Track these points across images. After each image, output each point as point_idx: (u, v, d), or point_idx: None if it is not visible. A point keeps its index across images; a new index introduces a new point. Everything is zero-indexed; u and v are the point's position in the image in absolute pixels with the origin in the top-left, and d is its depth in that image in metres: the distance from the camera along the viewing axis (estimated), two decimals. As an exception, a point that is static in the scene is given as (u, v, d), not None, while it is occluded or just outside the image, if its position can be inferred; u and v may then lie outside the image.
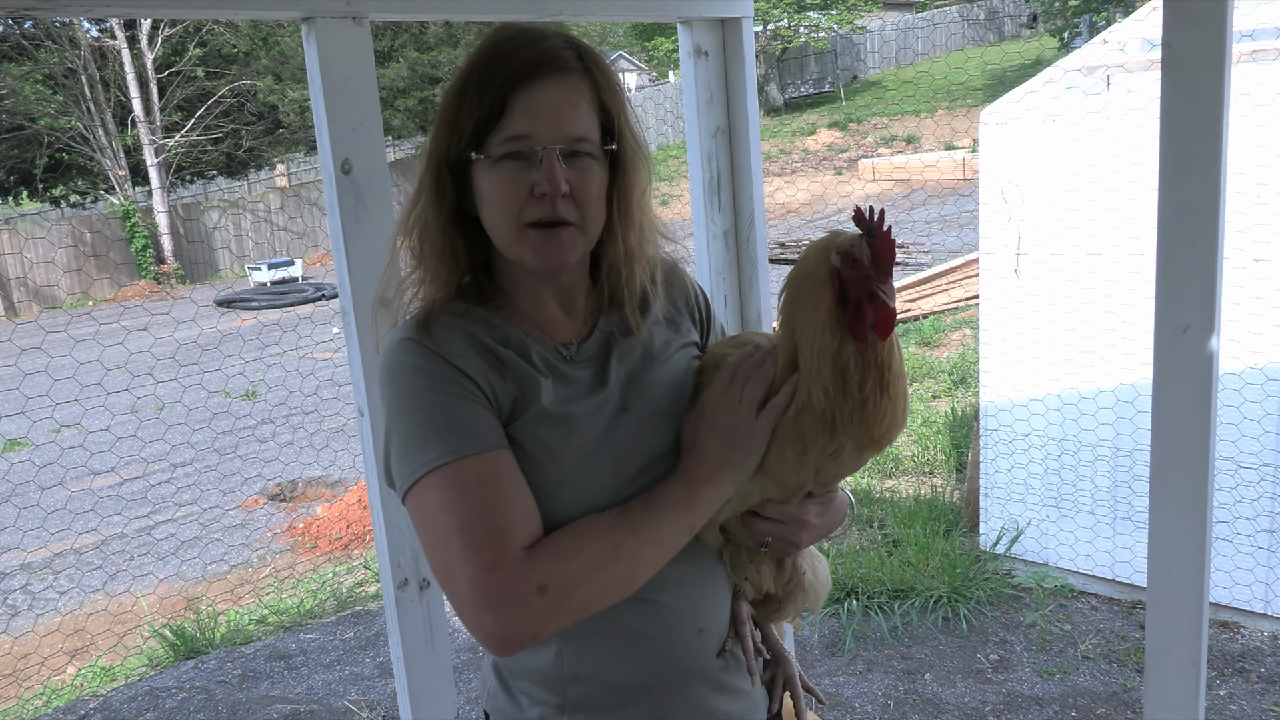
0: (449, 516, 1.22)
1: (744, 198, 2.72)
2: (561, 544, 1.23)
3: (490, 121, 1.27)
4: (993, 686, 3.92)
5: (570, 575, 1.21)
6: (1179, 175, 1.68)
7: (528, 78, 1.26)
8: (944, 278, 11.69)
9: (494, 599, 1.19)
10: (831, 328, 1.24)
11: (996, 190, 4.44)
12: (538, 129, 1.26)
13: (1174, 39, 1.67)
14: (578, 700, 1.37)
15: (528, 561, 1.21)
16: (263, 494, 8.36)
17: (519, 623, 1.20)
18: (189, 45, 25.50)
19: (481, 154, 1.28)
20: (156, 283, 23.60)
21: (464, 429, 1.25)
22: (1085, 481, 4.44)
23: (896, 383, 1.27)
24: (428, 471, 1.23)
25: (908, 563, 4.83)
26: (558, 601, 1.21)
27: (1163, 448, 1.76)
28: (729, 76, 2.65)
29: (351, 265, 1.93)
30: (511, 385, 1.31)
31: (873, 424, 1.27)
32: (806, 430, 1.27)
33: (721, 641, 1.46)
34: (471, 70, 1.29)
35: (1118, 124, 4.02)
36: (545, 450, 1.29)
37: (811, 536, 1.41)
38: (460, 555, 1.20)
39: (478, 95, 1.27)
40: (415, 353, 1.29)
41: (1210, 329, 1.70)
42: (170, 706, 4.37)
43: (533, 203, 1.28)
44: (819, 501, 1.39)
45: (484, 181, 1.30)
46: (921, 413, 7.60)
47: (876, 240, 1.20)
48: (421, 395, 1.26)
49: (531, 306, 1.38)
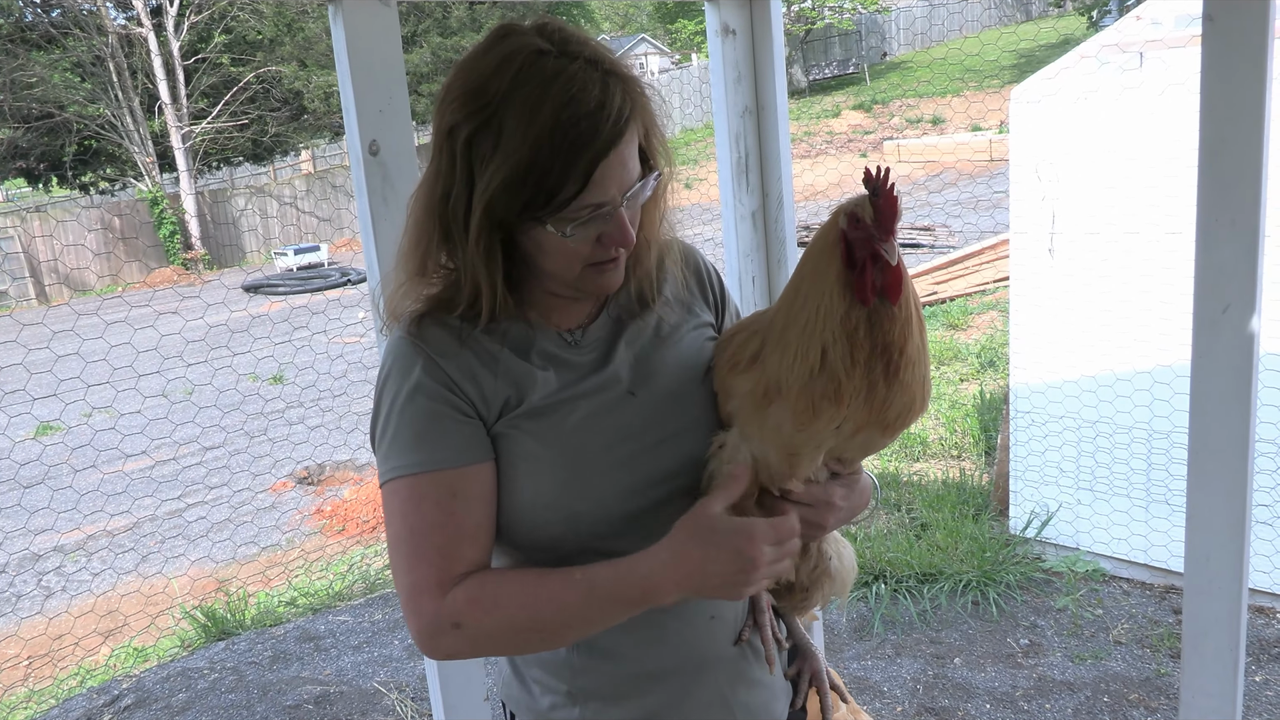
0: (403, 525, 1.27)
1: (772, 178, 2.69)
2: (483, 593, 1.25)
3: (573, 195, 1.20)
4: (1023, 671, 3.89)
5: (482, 626, 1.25)
6: (1219, 151, 1.65)
7: (608, 151, 1.20)
8: (971, 259, 11.58)
9: (419, 616, 1.25)
10: (839, 291, 1.20)
11: (1027, 170, 4.38)
12: (612, 192, 1.23)
13: (1215, 12, 1.63)
14: (588, 689, 1.37)
15: (451, 597, 1.24)
16: (291, 477, 8.43)
17: (435, 644, 1.26)
18: (215, 32, 25.60)
19: (554, 226, 1.23)
20: (184, 268, 23.79)
21: (437, 441, 1.27)
22: (1119, 464, 4.38)
23: (909, 368, 1.22)
24: (395, 477, 1.27)
25: (936, 546, 4.80)
26: (469, 642, 1.25)
27: (1201, 430, 1.74)
28: (757, 55, 2.62)
29: (380, 247, 1.93)
30: (504, 384, 1.30)
31: (882, 409, 1.23)
32: (816, 395, 1.22)
33: (738, 629, 1.45)
34: (541, 137, 1.18)
35: (1153, 101, 3.95)
36: (536, 439, 1.29)
37: (838, 519, 1.38)
38: (404, 564, 1.26)
39: (558, 169, 1.19)
40: (408, 352, 1.30)
41: (1251, 308, 1.66)
42: (202, 687, 4.41)
43: (598, 248, 1.27)
44: (843, 483, 1.37)
45: (547, 240, 1.25)
46: (949, 396, 7.54)
47: (879, 198, 1.16)
48: (404, 399, 1.28)
49: (541, 295, 1.37)
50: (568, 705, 1.38)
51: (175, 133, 24.76)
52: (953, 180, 19.37)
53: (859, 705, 3.01)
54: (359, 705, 4.14)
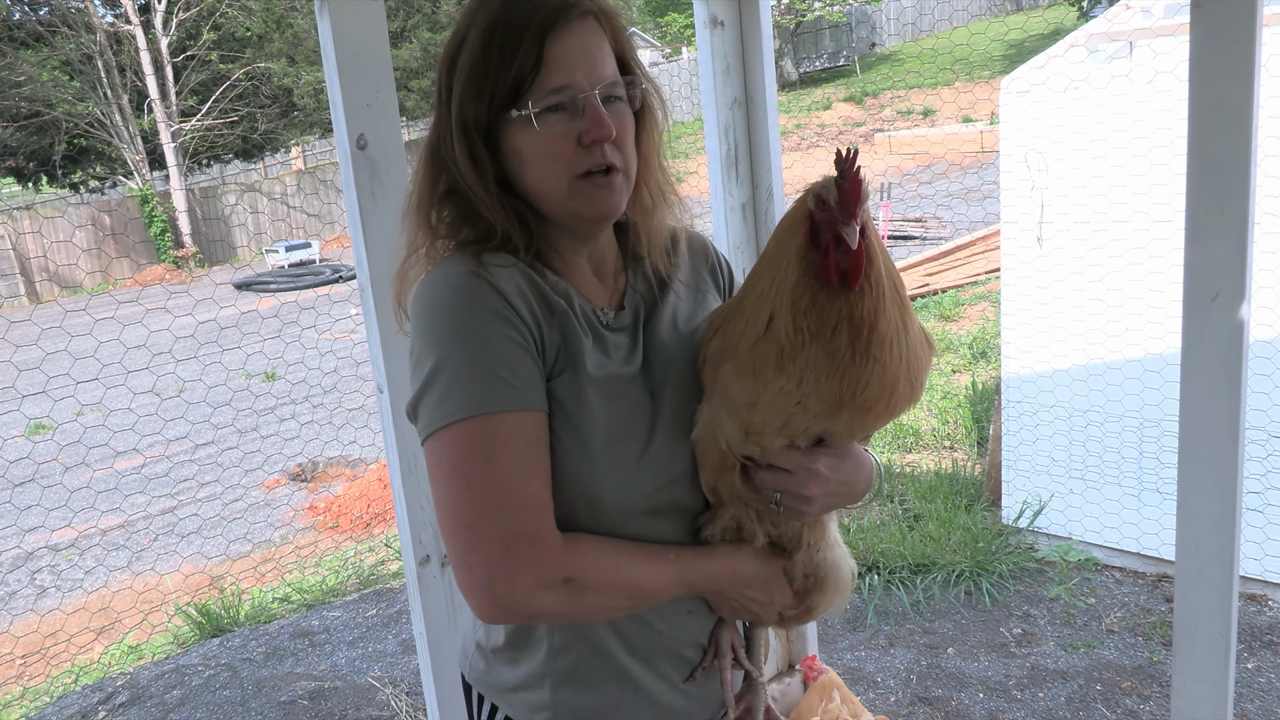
0: (489, 467, 1.17)
1: (762, 170, 2.69)
2: (601, 553, 1.24)
3: (528, 75, 1.22)
4: (1016, 660, 3.90)
5: (595, 584, 1.22)
6: (1208, 139, 1.64)
7: (556, 25, 1.22)
8: (963, 251, 11.59)
9: (517, 568, 1.17)
10: (795, 262, 1.21)
11: (1018, 160, 4.38)
12: (576, 76, 1.22)
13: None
14: (564, 672, 1.35)
15: (565, 552, 1.20)
16: (284, 474, 8.42)
17: (531, 601, 1.19)
18: (203, 29, 25.52)
19: (522, 111, 1.23)
20: (175, 265, 23.72)
21: (515, 380, 1.20)
22: (1111, 453, 4.39)
23: (884, 347, 1.21)
24: (472, 415, 1.17)
25: (929, 537, 4.81)
26: (571, 601, 1.21)
27: (1192, 418, 1.74)
28: (746, 47, 2.62)
29: (369, 241, 1.92)
30: (557, 334, 1.26)
31: (857, 388, 1.21)
32: (758, 358, 1.23)
33: (708, 625, 1.45)
34: (492, 26, 1.23)
35: (1142, 89, 3.95)
36: (587, 415, 1.25)
37: (824, 490, 1.30)
38: (496, 513, 1.17)
39: (508, 50, 1.22)
40: (477, 287, 1.21)
41: (1240, 296, 1.66)
42: (196, 684, 4.40)
43: (581, 153, 1.24)
44: (830, 453, 1.30)
45: (524, 141, 1.25)
46: (942, 386, 7.55)
47: (845, 180, 1.16)
48: (479, 334, 1.19)
49: (566, 269, 1.34)
50: (538, 687, 1.35)
51: (165, 130, 24.68)
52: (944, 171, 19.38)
53: (853, 695, 3.01)
54: (353, 700, 4.14)
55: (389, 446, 2.06)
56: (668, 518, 1.33)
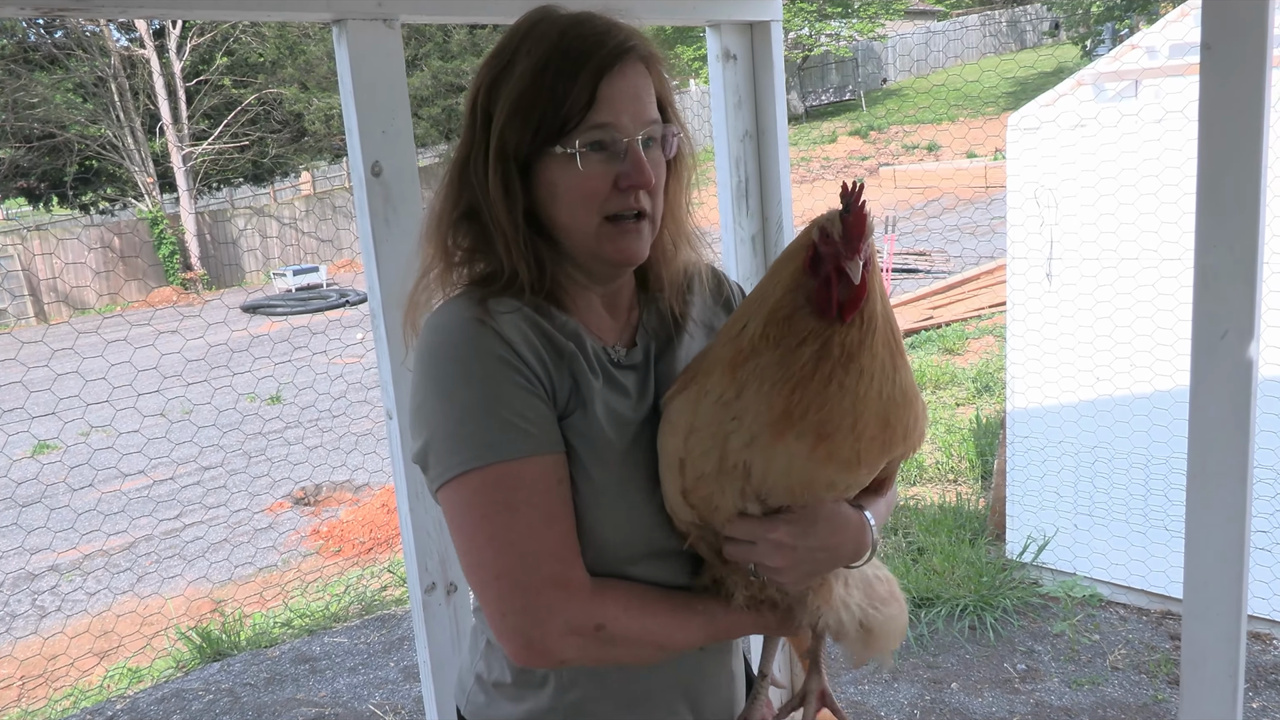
0: (512, 515, 1.17)
1: (772, 202, 2.71)
2: (631, 600, 1.24)
3: (579, 113, 1.21)
4: (1020, 696, 3.87)
5: (624, 632, 1.23)
6: (1217, 177, 1.66)
7: (611, 65, 1.21)
8: (967, 285, 11.61)
9: (546, 615, 1.18)
10: (786, 284, 1.20)
11: (1025, 195, 4.40)
12: (623, 119, 1.22)
13: (1213, 40, 1.65)
14: (573, 705, 1.33)
15: (597, 598, 1.21)
16: (288, 497, 8.41)
17: (564, 647, 1.20)
18: (216, 54, 25.73)
19: (567, 149, 1.22)
20: (184, 288, 23.80)
21: (529, 425, 1.19)
22: (1117, 489, 4.38)
23: (859, 378, 1.17)
24: (489, 464, 1.17)
25: (933, 571, 4.78)
26: (600, 647, 1.22)
27: (1200, 455, 1.74)
28: (758, 80, 2.65)
29: (381, 268, 1.94)
30: (567, 377, 1.25)
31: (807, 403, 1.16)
32: (709, 360, 1.23)
33: (723, 659, 1.45)
34: (547, 58, 1.22)
35: (1151, 128, 3.97)
36: (596, 457, 1.24)
37: (792, 560, 1.23)
38: (522, 561, 1.17)
39: (561, 85, 1.20)
40: (482, 335, 1.21)
41: (1249, 334, 1.67)
42: (197, 708, 4.39)
43: (615, 195, 1.24)
44: (791, 519, 1.22)
45: (561, 176, 1.24)
46: (945, 420, 7.54)
47: (849, 215, 1.16)
48: (487, 382, 1.19)
49: (577, 306, 1.34)
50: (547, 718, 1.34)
51: (176, 153, 24.83)
52: (950, 205, 19.44)
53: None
54: (354, 728, 4.12)
55: (397, 472, 2.06)
56: (670, 560, 1.32)
